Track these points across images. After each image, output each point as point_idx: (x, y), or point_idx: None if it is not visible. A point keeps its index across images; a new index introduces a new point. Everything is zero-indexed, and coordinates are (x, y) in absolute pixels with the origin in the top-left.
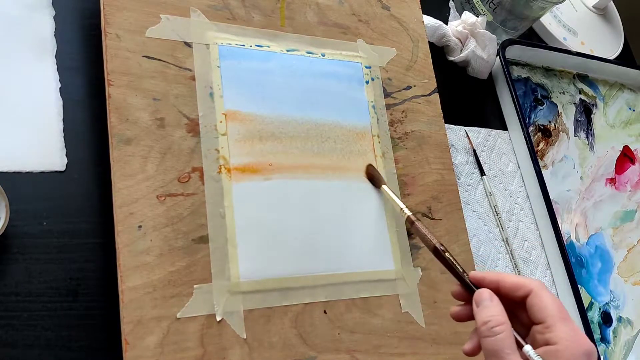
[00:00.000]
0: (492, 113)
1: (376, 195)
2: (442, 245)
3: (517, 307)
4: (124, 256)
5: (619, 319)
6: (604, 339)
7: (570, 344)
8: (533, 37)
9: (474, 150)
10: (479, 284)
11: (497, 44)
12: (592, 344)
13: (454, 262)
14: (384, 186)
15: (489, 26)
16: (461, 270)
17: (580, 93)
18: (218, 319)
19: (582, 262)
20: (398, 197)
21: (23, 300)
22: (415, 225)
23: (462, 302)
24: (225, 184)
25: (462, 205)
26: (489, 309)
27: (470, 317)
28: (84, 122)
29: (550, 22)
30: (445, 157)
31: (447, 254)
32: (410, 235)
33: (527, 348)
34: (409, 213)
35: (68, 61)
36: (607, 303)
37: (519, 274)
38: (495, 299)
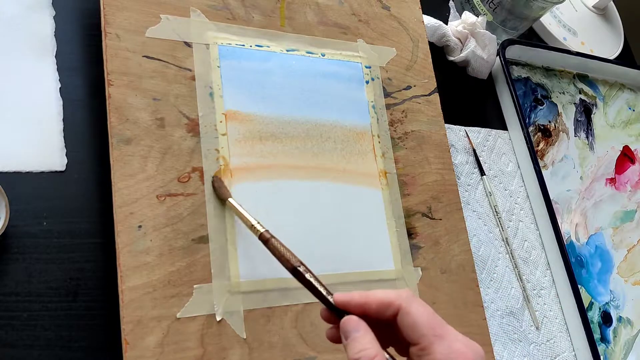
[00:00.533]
0: (492, 113)
1: (376, 196)
2: (303, 265)
3: (395, 323)
4: (124, 256)
5: (619, 319)
6: (604, 339)
7: None
8: (533, 37)
9: (474, 150)
10: (345, 309)
11: (497, 44)
12: (476, 350)
13: (317, 285)
14: (230, 199)
15: (489, 26)
16: (325, 293)
17: (580, 93)
18: (218, 318)
19: (582, 262)
20: (246, 211)
21: (23, 300)
22: (271, 242)
23: (334, 325)
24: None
25: (462, 205)
26: (358, 342)
27: None
28: (84, 122)
29: (550, 22)
30: (445, 157)
31: (308, 275)
32: (410, 235)
33: None
34: (262, 229)
35: (68, 61)
36: (607, 303)
37: (519, 274)
38: (363, 326)
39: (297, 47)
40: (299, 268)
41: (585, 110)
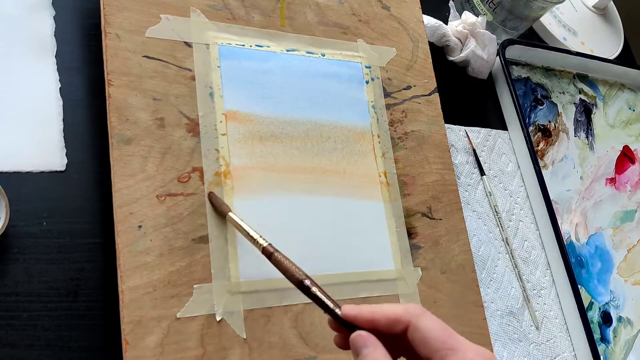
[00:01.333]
0: (492, 113)
1: (376, 196)
2: (309, 278)
3: (406, 338)
4: (124, 256)
5: (619, 319)
6: (604, 339)
7: None
8: (533, 37)
9: (474, 150)
10: (353, 323)
11: (497, 44)
12: (488, 357)
13: (324, 298)
14: (230, 214)
15: (489, 26)
16: (332, 306)
17: (580, 93)
18: (218, 318)
19: (582, 262)
20: (248, 225)
21: (23, 300)
22: (275, 256)
23: (341, 334)
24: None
25: (462, 205)
26: (368, 359)
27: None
28: (84, 122)
29: (550, 22)
30: (445, 157)
31: (314, 289)
32: (410, 235)
33: None
34: (264, 244)
35: (68, 61)
36: (607, 303)
37: (519, 274)
38: (372, 341)
39: (297, 47)
40: (305, 282)
41: (585, 110)
